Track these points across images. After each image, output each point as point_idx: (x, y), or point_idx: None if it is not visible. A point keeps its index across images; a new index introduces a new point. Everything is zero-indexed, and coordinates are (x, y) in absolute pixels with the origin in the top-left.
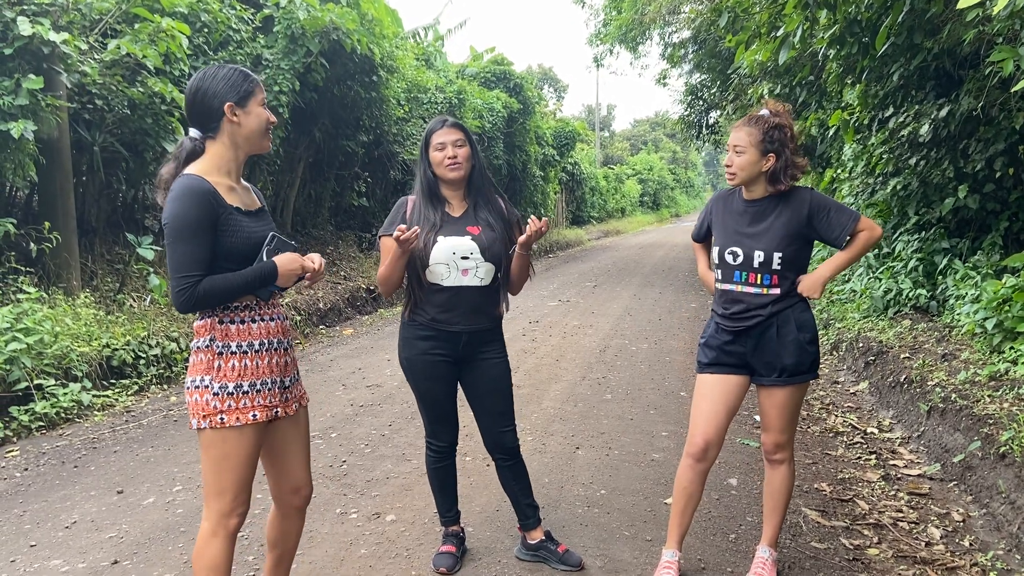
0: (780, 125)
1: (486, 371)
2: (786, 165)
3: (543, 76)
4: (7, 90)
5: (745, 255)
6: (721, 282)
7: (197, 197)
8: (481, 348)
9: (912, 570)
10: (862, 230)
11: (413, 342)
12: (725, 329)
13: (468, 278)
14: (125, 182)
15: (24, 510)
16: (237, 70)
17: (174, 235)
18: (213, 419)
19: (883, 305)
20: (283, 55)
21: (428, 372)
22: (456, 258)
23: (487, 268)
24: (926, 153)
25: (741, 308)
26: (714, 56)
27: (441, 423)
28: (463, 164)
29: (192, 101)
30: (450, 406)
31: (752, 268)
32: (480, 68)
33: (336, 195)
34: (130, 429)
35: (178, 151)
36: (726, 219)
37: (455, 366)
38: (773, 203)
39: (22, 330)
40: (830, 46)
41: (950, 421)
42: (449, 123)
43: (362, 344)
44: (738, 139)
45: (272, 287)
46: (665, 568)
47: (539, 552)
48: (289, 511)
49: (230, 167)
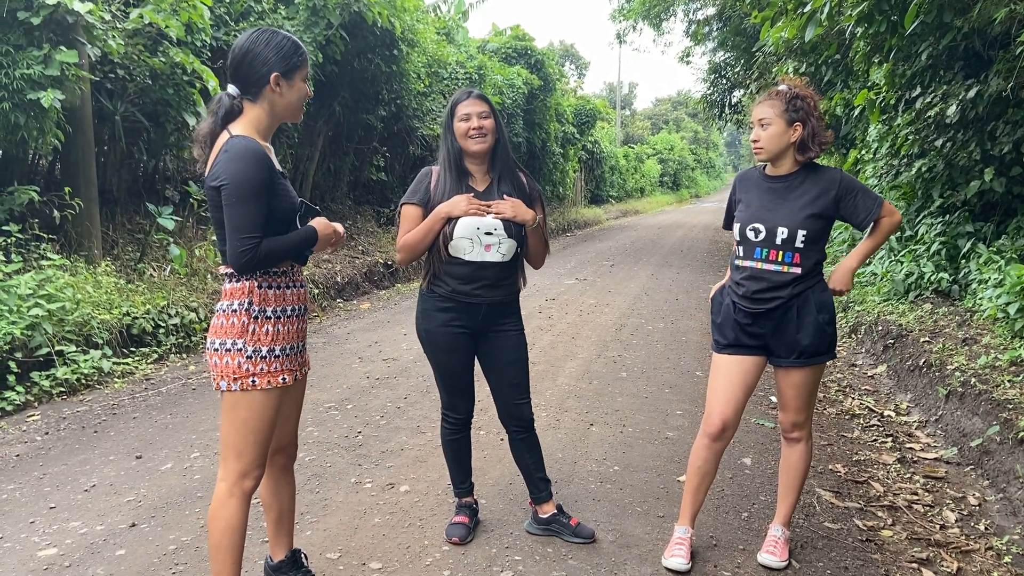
0: (801, 95)
1: (504, 342)
2: (813, 133)
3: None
4: (36, 60)
5: (768, 231)
6: (741, 259)
7: (257, 159)
8: (500, 320)
9: (926, 552)
10: (885, 215)
11: (432, 314)
12: (744, 310)
13: (490, 254)
14: (146, 152)
15: (44, 473)
16: (290, 39)
17: (236, 196)
18: (244, 381)
19: (904, 288)
20: (304, 27)
21: (447, 344)
22: (480, 233)
23: (509, 244)
24: (952, 135)
25: (762, 287)
26: (739, 34)
27: (459, 395)
28: (488, 136)
29: (240, 61)
30: (467, 378)
31: (774, 245)
32: (501, 43)
33: (355, 169)
34: (149, 396)
35: (216, 107)
36: (750, 196)
37: (473, 338)
38: (799, 179)
39: (44, 296)
40: (858, 24)
41: (968, 405)
42: (474, 95)
43: (379, 318)
44: (762, 112)
45: (308, 251)
46: (677, 544)
47: (551, 526)
48: (275, 469)
49: (266, 131)
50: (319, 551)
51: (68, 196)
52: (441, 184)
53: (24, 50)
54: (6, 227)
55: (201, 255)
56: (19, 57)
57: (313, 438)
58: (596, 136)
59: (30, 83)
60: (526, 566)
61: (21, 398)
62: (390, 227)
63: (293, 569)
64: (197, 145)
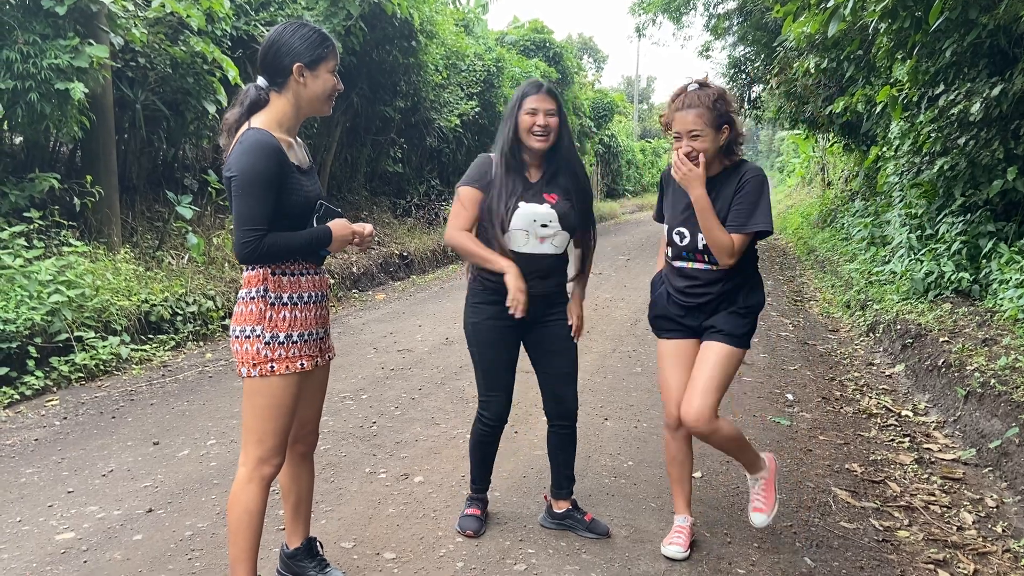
0: (722, 95)
1: (552, 331)
2: (737, 134)
3: (583, 46)
4: (65, 50)
5: (691, 236)
6: (672, 259)
7: (267, 152)
8: (549, 310)
9: (942, 554)
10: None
11: (482, 307)
12: (678, 303)
13: (544, 246)
14: (166, 141)
15: (63, 458)
16: (317, 31)
17: (242, 188)
18: (263, 367)
19: (923, 288)
20: (324, 17)
21: (494, 338)
22: (536, 225)
23: (563, 237)
24: (976, 133)
25: (694, 283)
26: (760, 28)
27: (495, 392)
28: (551, 135)
29: (266, 52)
30: (508, 377)
31: (698, 249)
32: (520, 36)
33: (372, 161)
34: (166, 383)
35: (243, 97)
36: (675, 198)
37: (519, 330)
38: (721, 181)
39: (64, 283)
40: (881, 19)
41: (988, 406)
42: (544, 89)
43: (394, 309)
44: (692, 123)
45: (324, 251)
46: (676, 532)
47: (565, 520)
48: (295, 457)
49: (290, 124)
50: (334, 540)
51: (89, 184)
52: (498, 175)
53: (50, 40)
54: (27, 214)
55: (219, 244)
56: (46, 47)
57: (328, 427)
58: (613, 130)
59: (57, 72)
60: (539, 559)
61: (40, 383)
62: (406, 218)
63: (308, 557)
64: (224, 134)
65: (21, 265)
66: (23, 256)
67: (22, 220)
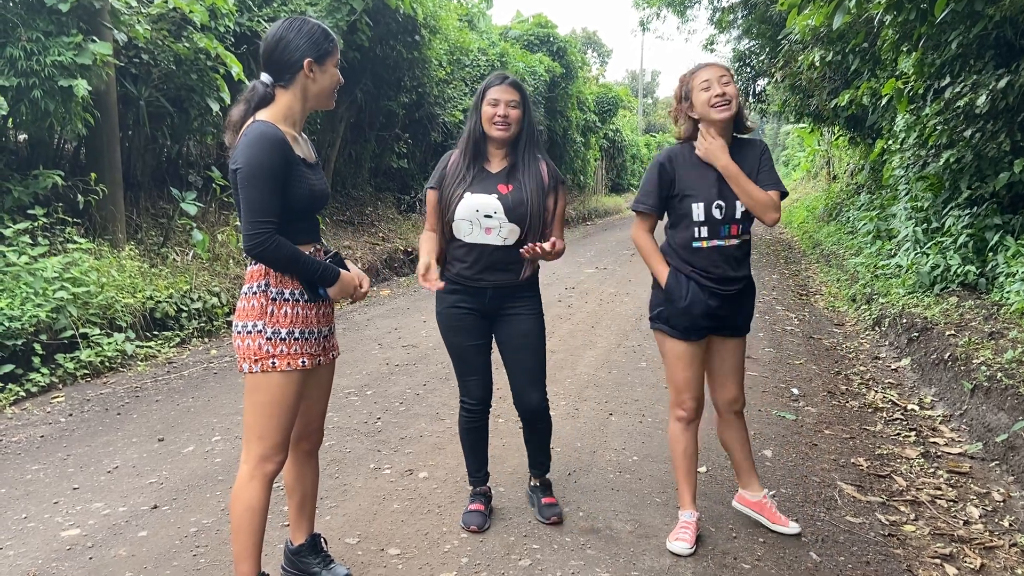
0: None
1: (515, 325)
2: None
3: (587, 40)
4: (68, 47)
5: (728, 206)
6: (707, 239)
7: (272, 144)
8: (511, 302)
9: (949, 548)
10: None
11: (443, 296)
12: (717, 293)
13: (491, 236)
14: (170, 137)
15: (68, 454)
16: (320, 27)
17: (248, 180)
18: (264, 363)
19: (929, 281)
20: (327, 12)
21: (454, 324)
22: (479, 216)
23: (510, 228)
24: (982, 125)
25: (730, 266)
26: (764, 21)
27: (470, 376)
28: (511, 126)
29: (272, 49)
30: (478, 360)
31: (735, 220)
32: (523, 30)
33: (376, 156)
34: (171, 380)
35: (249, 95)
36: (698, 177)
37: (484, 319)
38: (735, 153)
39: (69, 280)
40: (886, 11)
41: (994, 400)
42: (508, 81)
43: (398, 305)
44: (720, 72)
45: (322, 293)
46: (683, 528)
47: (532, 495)
48: (299, 454)
49: (296, 118)
50: (338, 536)
51: (93, 181)
52: (456, 166)
53: (53, 37)
54: (31, 211)
55: (223, 240)
56: (50, 44)
57: (333, 423)
58: (618, 124)
59: (60, 70)
60: (544, 555)
61: (46, 380)
62: (411, 214)
63: (313, 554)
64: (229, 132)
65: (26, 262)
66: (28, 253)
67: (27, 217)
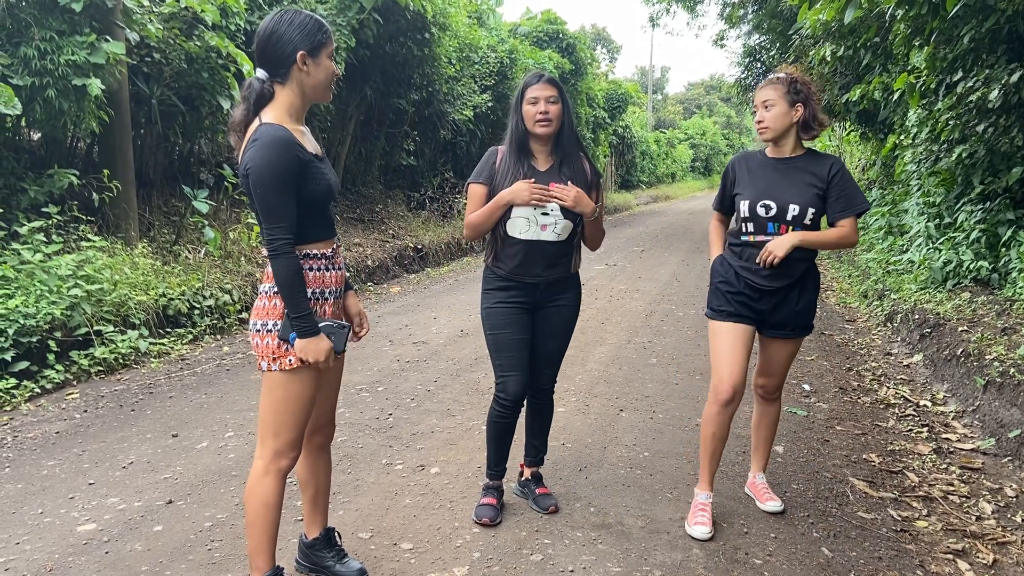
0: (800, 80)
1: (552, 316)
2: (813, 114)
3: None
4: (82, 46)
5: (779, 207)
6: (753, 234)
7: (285, 146)
8: (556, 295)
9: (961, 544)
10: (848, 226)
11: (492, 292)
12: (756, 286)
13: (546, 233)
14: (181, 135)
15: (83, 450)
16: (312, 18)
17: (262, 184)
18: (283, 361)
19: (942, 277)
20: (337, 11)
21: (504, 319)
22: (537, 213)
23: (565, 225)
24: (995, 120)
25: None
26: (775, 16)
27: (510, 372)
28: (553, 121)
29: (265, 43)
30: (522, 356)
31: (785, 220)
32: (533, 27)
33: (386, 154)
34: (185, 376)
35: (247, 92)
36: (754, 175)
37: (530, 313)
38: (803, 161)
39: (83, 277)
40: (898, 6)
41: (1007, 396)
42: (545, 78)
43: (409, 302)
44: (766, 95)
45: (291, 338)
46: (700, 510)
47: (524, 489)
48: (313, 448)
49: (298, 113)
50: (351, 530)
51: (106, 179)
52: (504, 164)
53: (67, 36)
54: (46, 209)
55: (235, 238)
56: (63, 43)
57: (345, 419)
58: (627, 121)
59: (74, 69)
60: (556, 550)
61: (60, 376)
62: (420, 211)
63: (327, 547)
64: (232, 133)
65: (41, 260)
66: (42, 251)
67: (41, 216)
